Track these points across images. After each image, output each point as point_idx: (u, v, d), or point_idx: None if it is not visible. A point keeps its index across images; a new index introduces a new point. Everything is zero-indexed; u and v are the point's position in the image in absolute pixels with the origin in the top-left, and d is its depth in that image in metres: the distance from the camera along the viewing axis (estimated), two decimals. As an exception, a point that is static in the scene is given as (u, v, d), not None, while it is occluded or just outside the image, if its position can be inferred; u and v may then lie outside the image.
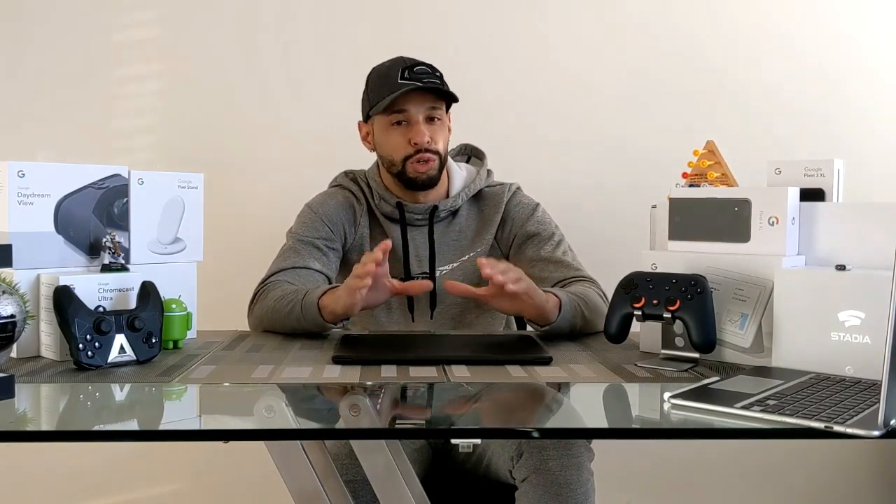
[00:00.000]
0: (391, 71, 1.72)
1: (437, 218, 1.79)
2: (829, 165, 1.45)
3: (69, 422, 1.08)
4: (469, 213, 1.83)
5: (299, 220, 1.79)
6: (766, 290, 1.30)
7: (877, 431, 0.91)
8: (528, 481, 1.41)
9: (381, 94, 1.71)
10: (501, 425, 1.11)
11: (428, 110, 1.72)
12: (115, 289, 1.36)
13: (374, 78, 1.77)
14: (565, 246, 1.79)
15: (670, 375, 1.24)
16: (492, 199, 1.83)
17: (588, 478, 1.43)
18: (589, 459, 1.45)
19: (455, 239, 1.81)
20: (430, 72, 1.72)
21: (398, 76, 1.69)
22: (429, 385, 1.18)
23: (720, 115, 2.32)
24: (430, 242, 1.78)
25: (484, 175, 1.84)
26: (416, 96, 1.70)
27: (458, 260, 1.80)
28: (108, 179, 1.44)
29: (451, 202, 1.79)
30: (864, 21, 2.36)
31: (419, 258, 1.79)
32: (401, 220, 1.78)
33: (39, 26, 2.27)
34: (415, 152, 1.71)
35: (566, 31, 2.33)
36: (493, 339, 1.61)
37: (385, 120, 1.73)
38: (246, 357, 1.36)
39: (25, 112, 2.28)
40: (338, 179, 1.87)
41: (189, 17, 2.29)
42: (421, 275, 1.78)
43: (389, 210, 1.79)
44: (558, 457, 1.40)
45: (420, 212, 1.78)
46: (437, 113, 1.74)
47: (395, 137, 1.73)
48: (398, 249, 1.78)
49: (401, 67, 1.70)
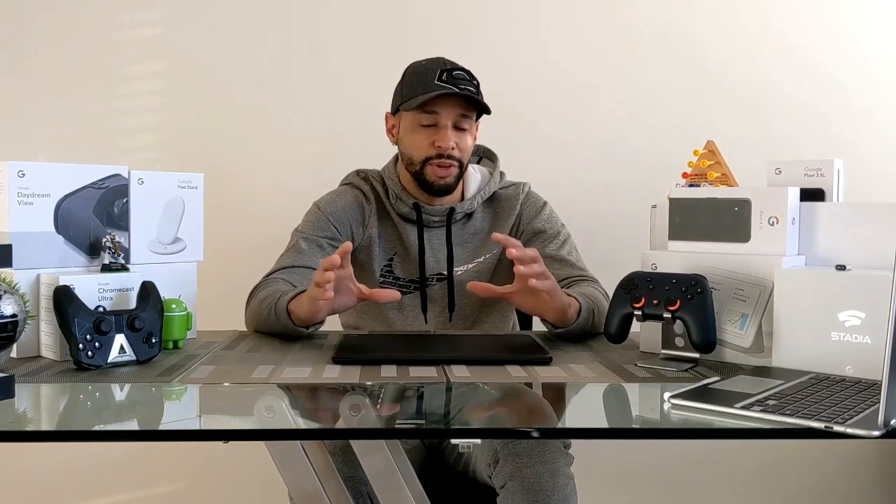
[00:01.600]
0: (429, 70, 1.69)
1: (454, 220, 1.79)
2: (829, 165, 1.45)
3: (69, 422, 1.08)
4: (483, 215, 1.83)
5: (306, 218, 1.79)
6: (766, 291, 1.30)
7: (877, 431, 0.91)
8: (506, 488, 1.41)
9: (414, 90, 1.69)
10: (501, 425, 1.11)
11: (458, 118, 1.70)
12: (115, 289, 1.36)
13: (411, 73, 1.74)
14: (570, 245, 1.79)
15: (670, 375, 1.24)
16: (506, 200, 1.83)
17: (566, 482, 1.41)
18: (566, 464, 1.44)
19: (469, 241, 1.81)
20: (468, 79, 1.70)
21: (435, 77, 1.67)
22: (429, 385, 1.18)
23: (720, 115, 2.32)
24: (448, 245, 1.78)
25: (497, 177, 1.84)
26: (450, 101, 1.68)
27: (473, 261, 1.80)
28: (108, 179, 1.44)
29: (468, 205, 1.79)
30: (864, 21, 2.36)
31: (436, 259, 1.78)
32: (418, 222, 1.78)
33: (40, 26, 2.27)
34: (436, 156, 1.70)
35: (566, 31, 2.33)
36: (492, 339, 1.61)
37: (414, 118, 1.71)
38: (246, 357, 1.36)
39: (26, 112, 2.28)
40: (349, 178, 1.86)
41: (190, 16, 2.29)
42: (437, 276, 1.78)
43: (406, 211, 1.78)
44: (533, 464, 1.40)
45: (437, 213, 1.77)
46: (466, 122, 1.72)
47: (420, 137, 1.71)
48: (414, 251, 1.77)
49: (440, 69, 1.68)
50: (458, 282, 1.78)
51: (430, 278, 1.78)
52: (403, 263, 1.79)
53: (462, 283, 1.79)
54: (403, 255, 1.79)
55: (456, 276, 1.78)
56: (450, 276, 1.77)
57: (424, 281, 1.78)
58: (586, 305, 1.52)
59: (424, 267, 1.77)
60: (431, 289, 1.79)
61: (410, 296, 1.79)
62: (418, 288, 1.78)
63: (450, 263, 1.78)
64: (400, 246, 1.79)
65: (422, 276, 1.77)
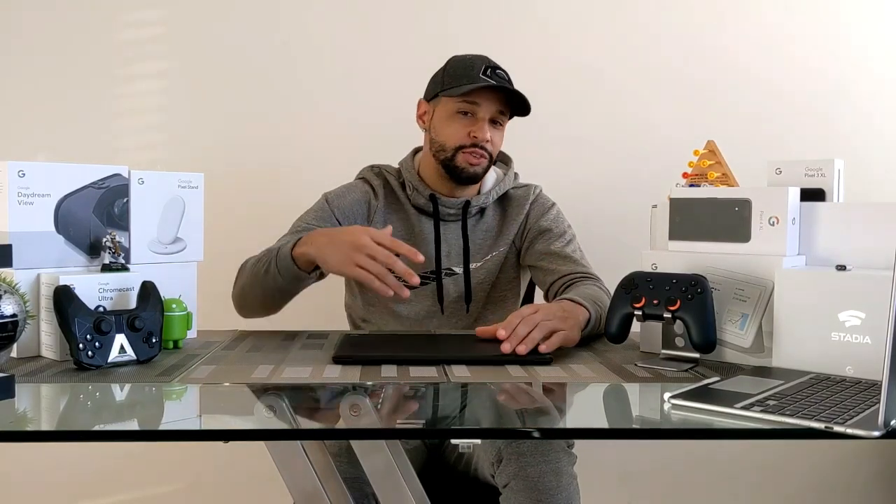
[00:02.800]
0: (475, 64, 1.72)
1: (469, 214, 1.79)
2: (829, 165, 1.45)
3: (69, 422, 1.07)
4: (495, 213, 1.84)
5: (312, 207, 1.80)
6: (766, 291, 1.30)
7: (877, 431, 0.91)
8: (510, 487, 1.41)
9: (459, 80, 1.71)
10: (501, 425, 1.11)
11: (496, 113, 1.73)
12: (115, 289, 1.36)
13: (455, 63, 1.76)
14: (575, 245, 1.81)
15: (670, 375, 1.24)
16: (516, 200, 1.84)
17: (569, 482, 1.41)
18: (570, 464, 1.44)
19: (481, 238, 1.82)
20: (508, 80, 1.74)
21: (480, 71, 1.70)
22: (429, 385, 1.18)
23: (720, 115, 2.32)
24: (464, 238, 1.79)
25: (511, 176, 1.86)
26: (492, 95, 1.71)
27: (483, 259, 1.81)
28: (108, 179, 1.44)
29: (483, 199, 1.80)
30: (864, 20, 2.36)
31: (450, 254, 1.79)
32: (434, 213, 1.78)
33: (40, 26, 2.27)
34: (471, 145, 1.71)
35: (567, 31, 2.33)
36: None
37: (453, 106, 1.72)
38: (246, 357, 1.36)
39: (26, 112, 2.28)
40: (363, 172, 1.87)
41: (190, 17, 2.29)
42: (447, 271, 1.79)
43: (423, 202, 1.79)
44: (536, 463, 1.40)
45: (453, 206, 1.78)
46: (502, 118, 1.75)
47: (456, 126, 1.72)
48: (426, 243, 1.78)
49: (484, 65, 1.71)
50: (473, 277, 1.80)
51: (444, 272, 1.79)
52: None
53: (472, 279, 1.80)
54: (421, 248, 1.78)
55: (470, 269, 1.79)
56: (466, 269, 1.78)
57: (441, 273, 1.78)
58: (595, 313, 1.50)
59: (440, 260, 1.78)
60: (444, 281, 1.79)
61: (422, 288, 1.78)
62: (426, 282, 1.78)
63: (466, 257, 1.79)
64: (411, 239, 1.79)
65: (437, 268, 1.78)
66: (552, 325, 1.37)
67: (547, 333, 1.36)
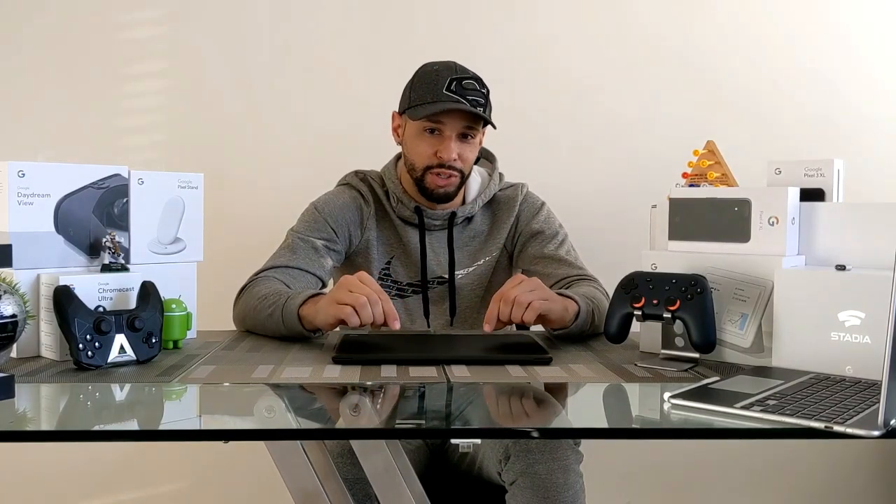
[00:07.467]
0: (439, 77, 1.67)
1: (455, 224, 1.79)
2: (829, 165, 1.45)
3: (69, 422, 1.07)
4: (483, 218, 1.83)
5: (302, 218, 1.77)
6: (766, 290, 1.30)
7: (877, 431, 0.91)
8: (517, 485, 1.41)
9: (422, 97, 1.67)
10: (501, 425, 1.11)
11: (463, 128, 1.69)
12: (115, 289, 1.36)
13: (421, 77, 1.72)
14: (568, 245, 1.79)
15: (670, 375, 1.24)
16: (505, 202, 1.82)
17: (576, 480, 1.42)
18: (577, 462, 1.44)
19: (468, 244, 1.81)
20: (478, 88, 1.68)
21: (444, 86, 1.65)
22: (429, 385, 1.18)
23: (720, 115, 2.32)
24: (449, 250, 1.78)
25: (497, 179, 1.84)
26: (456, 113, 1.67)
27: (473, 264, 1.80)
28: (108, 179, 1.44)
29: (470, 208, 1.79)
30: (863, 21, 2.36)
31: (438, 263, 1.78)
32: (420, 225, 1.77)
33: (40, 26, 2.27)
34: (438, 165, 1.69)
35: (566, 32, 2.33)
36: (492, 339, 1.61)
37: (418, 125, 1.69)
38: (246, 357, 1.36)
39: (26, 112, 2.28)
40: (347, 178, 1.84)
41: (190, 17, 2.29)
42: (437, 279, 1.78)
43: (408, 214, 1.77)
44: (544, 460, 1.40)
45: (439, 217, 1.77)
46: (471, 132, 1.71)
47: (423, 145, 1.70)
48: (413, 253, 1.77)
49: (450, 77, 1.66)
50: (459, 286, 1.78)
51: (430, 281, 1.78)
52: (402, 266, 1.79)
53: (462, 288, 1.79)
54: (402, 258, 1.79)
55: (457, 279, 1.78)
56: (451, 280, 1.77)
57: (426, 284, 1.78)
58: (585, 306, 1.51)
59: (426, 270, 1.77)
60: (432, 292, 1.79)
61: (410, 299, 1.79)
62: (417, 291, 1.78)
63: (451, 267, 1.78)
64: (399, 248, 1.79)
65: (423, 279, 1.77)
66: (529, 297, 1.41)
67: (525, 305, 1.40)
